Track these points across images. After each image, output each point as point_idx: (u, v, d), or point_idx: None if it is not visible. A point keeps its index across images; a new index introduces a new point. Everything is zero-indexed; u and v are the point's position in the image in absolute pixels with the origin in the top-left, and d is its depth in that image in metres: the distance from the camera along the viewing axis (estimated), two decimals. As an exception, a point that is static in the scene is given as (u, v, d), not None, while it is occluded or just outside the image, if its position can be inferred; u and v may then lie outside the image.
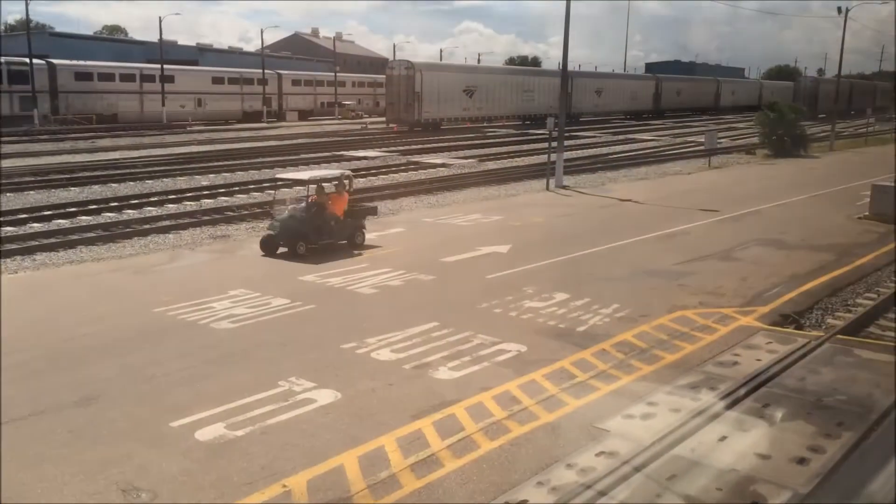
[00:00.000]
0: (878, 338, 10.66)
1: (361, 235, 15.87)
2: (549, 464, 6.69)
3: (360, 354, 9.31)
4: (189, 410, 7.63)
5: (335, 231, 15.32)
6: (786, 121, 39.48)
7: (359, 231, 15.84)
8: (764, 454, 6.79)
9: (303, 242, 14.62)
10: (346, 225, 15.61)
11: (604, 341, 9.96)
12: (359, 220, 16.05)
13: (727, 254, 15.59)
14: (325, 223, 15.10)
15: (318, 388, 8.25)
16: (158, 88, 57.20)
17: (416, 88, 52.89)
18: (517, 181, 28.09)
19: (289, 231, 14.65)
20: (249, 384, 8.30)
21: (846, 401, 8.04)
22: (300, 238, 14.61)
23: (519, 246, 15.95)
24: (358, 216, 16.14)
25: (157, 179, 27.04)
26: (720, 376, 8.72)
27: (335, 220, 15.33)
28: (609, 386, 8.45)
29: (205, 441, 7.01)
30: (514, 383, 8.51)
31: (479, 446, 7.01)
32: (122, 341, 9.70)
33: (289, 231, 14.65)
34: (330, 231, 15.20)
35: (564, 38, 26.36)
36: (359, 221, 16.01)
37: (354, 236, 15.68)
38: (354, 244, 15.55)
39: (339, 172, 16.70)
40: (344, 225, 15.54)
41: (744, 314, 11.35)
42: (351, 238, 15.61)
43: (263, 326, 10.37)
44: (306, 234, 14.72)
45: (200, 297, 11.77)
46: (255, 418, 7.47)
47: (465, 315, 11.03)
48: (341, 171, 17.16)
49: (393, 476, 6.46)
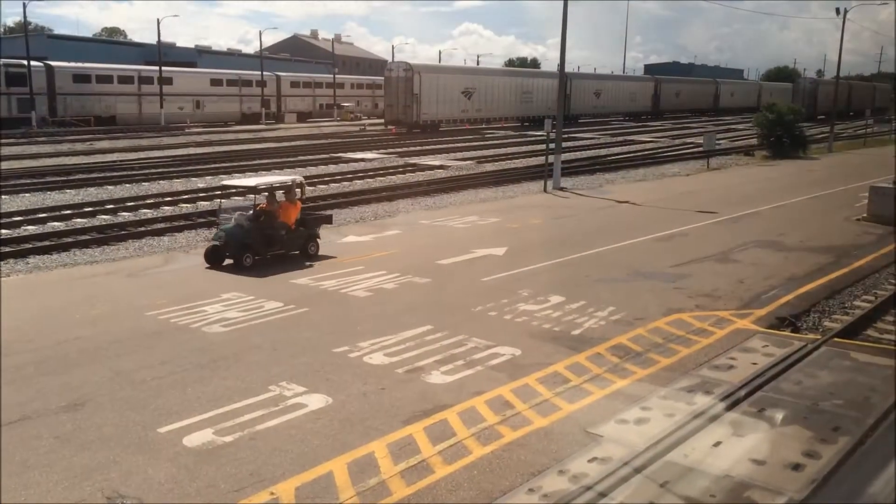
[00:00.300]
0: (875, 341, 10.57)
1: (315, 246, 15.04)
2: (541, 470, 6.60)
3: (353, 358, 9.23)
4: (178, 416, 7.54)
5: (286, 241, 14.51)
6: (784, 122, 39.41)
7: (312, 241, 15.01)
8: (759, 460, 6.70)
9: (249, 254, 13.78)
10: (299, 235, 14.77)
11: (598, 345, 9.87)
12: (312, 229, 15.20)
13: (725, 256, 15.50)
14: (275, 233, 14.29)
15: (309, 392, 8.16)
16: (157, 90, 57.12)
17: (415, 90, 52.85)
18: (515, 183, 28.01)
19: (234, 241, 13.74)
20: (239, 389, 8.21)
21: (843, 405, 7.96)
22: (246, 249, 13.77)
23: (515, 248, 15.86)
24: (311, 225, 15.28)
25: (154, 181, 26.95)
26: (715, 380, 8.63)
27: (286, 230, 14.49)
28: (603, 390, 8.36)
29: (193, 447, 6.91)
30: (508, 387, 8.43)
31: (471, 452, 6.93)
32: (112, 345, 9.61)
33: (234, 241, 13.74)
34: (280, 241, 14.40)
35: (562, 39, 26.30)
36: (312, 231, 15.16)
37: (307, 247, 14.84)
38: (307, 255, 14.71)
39: (290, 179, 15.70)
40: (296, 235, 14.71)
41: (740, 317, 11.27)
42: (304, 248, 14.79)
43: (255, 330, 10.28)
44: (253, 245, 13.91)
45: (193, 300, 11.68)
46: (244, 424, 7.38)
47: (459, 318, 10.94)
48: (293, 177, 16.23)
49: (382, 483, 6.37)
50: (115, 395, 8.06)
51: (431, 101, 53.97)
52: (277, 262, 14.22)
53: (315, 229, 15.31)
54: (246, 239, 13.82)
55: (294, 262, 14.28)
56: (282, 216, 14.54)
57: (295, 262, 14.28)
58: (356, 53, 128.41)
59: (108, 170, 30.10)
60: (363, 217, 20.53)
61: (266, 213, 14.46)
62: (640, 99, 78.99)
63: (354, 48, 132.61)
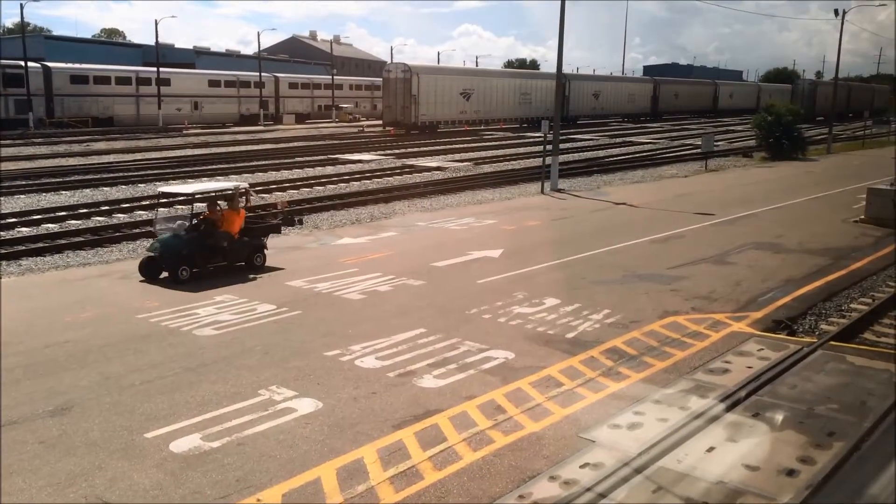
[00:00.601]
0: (872, 344, 10.48)
1: (262, 257, 14.09)
2: (532, 476, 6.51)
3: (344, 362, 9.14)
4: (165, 420, 7.45)
5: (228, 252, 13.55)
6: (783, 123, 39.34)
7: (259, 252, 14.06)
8: (752, 465, 6.61)
9: (186, 266, 12.86)
10: (243, 245, 13.82)
11: (593, 348, 9.79)
12: (258, 239, 14.24)
13: (721, 258, 15.42)
14: (216, 244, 13.36)
15: (299, 397, 8.07)
16: (154, 91, 57.05)
17: (413, 91, 52.81)
18: (512, 184, 27.94)
19: (170, 253, 12.84)
20: (228, 393, 8.12)
21: (838, 409, 7.88)
22: (182, 261, 12.86)
23: (511, 250, 15.78)
24: (257, 235, 14.32)
25: (150, 183, 26.84)
26: (710, 384, 8.55)
27: (228, 240, 13.52)
28: (597, 394, 8.28)
29: (179, 453, 6.82)
30: (500, 391, 8.34)
31: (461, 457, 6.84)
32: (102, 348, 9.51)
33: (170, 253, 12.84)
34: (222, 252, 13.47)
35: (559, 39, 26.24)
36: (258, 241, 14.20)
37: (253, 258, 13.90)
38: (253, 267, 13.81)
39: (232, 185, 14.62)
40: (240, 246, 13.76)
41: (736, 320, 11.18)
42: (249, 260, 13.85)
43: (247, 333, 10.18)
44: (191, 257, 13.02)
45: (186, 302, 11.60)
46: (232, 429, 7.29)
47: (453, 321, 10.86)
48: (236, 183, 15.19)
49: (371, 489, 6.28)
50: (103, 399, 7.96)
51: (430, 103, 53.93)
52: (219, 275, 13.29)
53: (262, 239, 14.33)
54: (183, 250, 12.94)
55: (236, 275, 13.29)
56: (224, 225, 13.61)
57: (237, 275, 13.30)
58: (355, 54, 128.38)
59: (104, 171, 30.03)
60: (359, 219, 20.44)
61: (206, 222, 13.59)
62: (638, 100, 78.94)
63: (353, 49, 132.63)
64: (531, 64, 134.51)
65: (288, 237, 17.70)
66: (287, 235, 17.95)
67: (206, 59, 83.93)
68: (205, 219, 13.74)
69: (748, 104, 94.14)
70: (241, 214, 14.09)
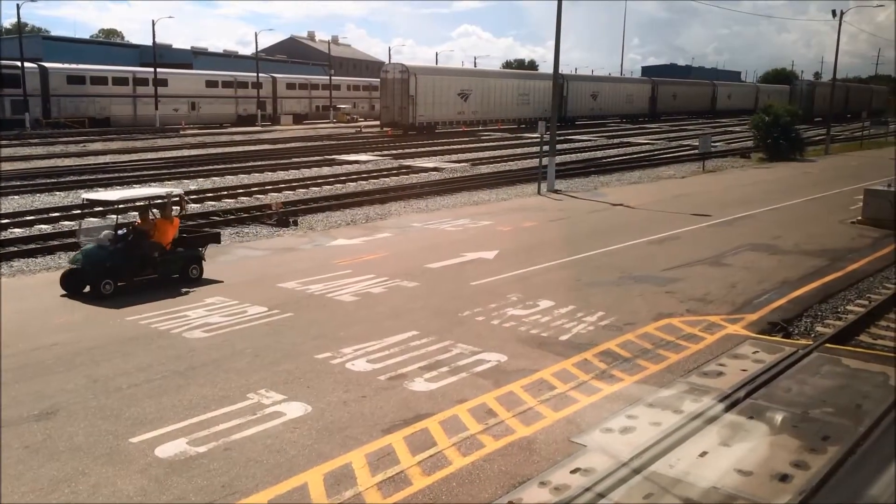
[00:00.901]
0: (868, 346, 10.40)
1: (198, 269, 13.12)
2: (522, 481, 6.42)
3: (335, 365, 9.04)
4: (152, 425, 7.36)
5: (159, 264, 12.61)
6: (780, 124, 39.29)
7: (195, 264, 13.12)
8: (745, 471, 6.53)
9: (110, 280, 11.88)
10: (176, 257, 12.93)
11: (586, 350, 9.70)
12: (195, 250, 13.35)
13: (718, 259, 15.34)
14: (145, 255, 12.44)
15: (288, 400, 7.98)
16: (152, 92, 56.95)
17: (411, 92, 52.74)
18: (509, 185, 27.86)
19: (93, 265, 11.86)
20: (217, 397, 8.03)
21: (833, 413, 7.79)
22: (107, 274, 11.86)
23: (506, 251, 15.69)
24: (193, 245, 13.43)
25: (145, 183, 26.74)
26: (704, 387, 8.46)
27: (159, 251, 12.63)
28: (589, 398, 8.19)
29: (165, 458, 6.73)
30: (492, 395, 8.25)
31: (451, 462, 6.74)
32: (91, 351, 9.42)
33: (93, 265, 11.86)
34: (152, 264, 12.55)
35: (556, 39, 26.19)
36: (195, 252, 13.29)
37: (188, 270, 12.95)
38: (188, 279, 12.86)
39: (164, 191, 13.61)
40: (173, 257, 12.87)
41: (731, 322, 11.09)
42: (184, 272, 12.91)
43: (237, 335, 10.09)
44: (116, 269, 12.04)
45: (176, 304, 11.51)
46: (219, 433, 7.19)
47: (446, 323, 10.76)
48: (168, 189, 14.14)
49: (359, 495, 6.19)
50: (89, 403, 7.87)
51: (427, 103, 53.86)
52: (148, 288, 12.32)
53: (199, 250, 13.42)
54: (107, 262, 11.94)
55: (166, 290, 12.27)
56: (156, 235, 12.74)
57: (167, 290, 12.27)
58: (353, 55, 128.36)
59: (99, 172, 29.93)
60: (354, 220, 20.34)
61: (135, 231, 12.71)
62: (637, 101, 78.91)
63: (352, 50, 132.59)
64: (530, 64, 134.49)
65: (282, 238, 17.63)
66: (281, 237, 17.89)
67: (203, 60, 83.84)
68: (135, 228, 12.86)
69: (746, 105, 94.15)
70: (175, 223, 13.22)
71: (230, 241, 17.39)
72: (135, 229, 12.83)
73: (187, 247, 13.35)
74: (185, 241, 13.42)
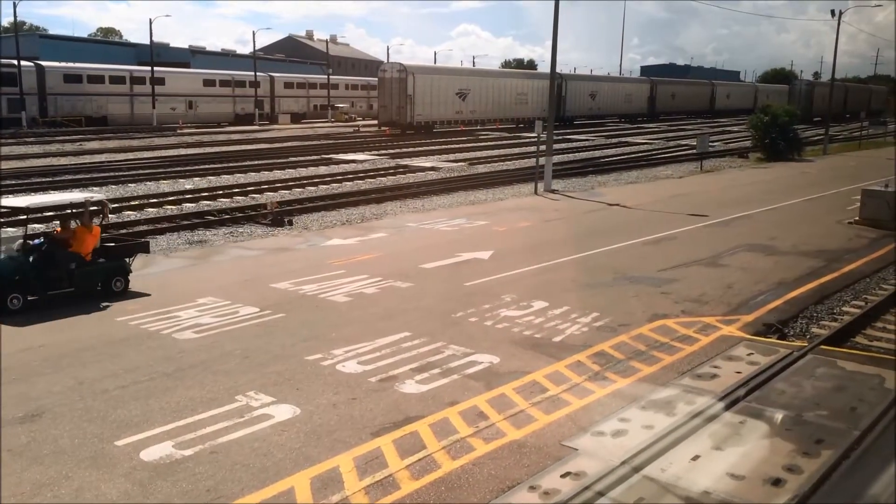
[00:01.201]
0: (864, 348, 10.32)
1: (122, 281, 12.03)
2: (511, 486, 6.33)
3: (325, 367, 8.95)
4: (138, 427, 7.26)
5: (77, 277, 11.52)
6: (779, 124, 39.22)
7: (119, 276, 12.01)
8: (738, 475, 6.44)
9: (18, 294, 10.86)
10: (97, 269, 11.82)
11: (580, 352, 9.61)
12: (119, 261, 12.23)
13: (714, 260, 15.25)
14: (61, 267, 11.40)
15: (277, 403, 7.89)
16: (149, 91, 56.81)
17: (409, 91, 52.65)
18: (506, 185, 27.77)
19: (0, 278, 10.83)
20: (204, 399, 7.93)
21: (827, 416, 7.70)
22: (14, 288, 10.84)
23: (501, 252, 15.60)
24: (118, 256, 12.33)
25: (140, 183, 26.67)
26: (698, 390, 8.37)
27: (77, 263, 11.59)
28: (581, 400, 8.10)
29: (150, 461, 6.63)
30: (483, 397, 8.16)
31: (440, 466, 6.65)
32: (79, 353, 9.32)
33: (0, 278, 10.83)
34: (69, 277, 11.46)
35: (553, 38, 26.10)
36: (118, 263, 12.16)
37: (111, 283, 11.86)
38: (111, 293, 11.78)
39: (83, 197, 12.50)
40: (93, 269, 11.78)
41: (727, 323, 11.01)
42: (106, 285, 11.82)
43: (228, 336, 9.99)
44: (26, 283, 11.04)
45: (167, 304, 11.41)
46: (206, 436, 7.10)
47: (438, 324, 10.67)
48: (87, 195, 13.09)
49: (346, 499, 6.10)
50: (75, 405, 7.77)
51: (425, 103, 53.77)
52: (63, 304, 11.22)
53: (123, 261, 12.29)
54: (16, 275, 10.92)
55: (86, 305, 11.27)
56: (74, 245, 11.76)
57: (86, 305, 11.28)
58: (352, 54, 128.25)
59: (95, 171, 29.83)
60: (350, 219, 20.25)
61: (51, 241, 11.78)
62: (635, 100, 78.86)
63: (350, 49, 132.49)
64: (529, 64, 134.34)
65: (277, 238, 17.53)
66: (276, 237, 17.79)
67: (201, 59, 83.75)
68: (51, 238, 11.93)
69: (745, 105, 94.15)
70: (96, 233, 12.11)
71: (224, 241, 17.30)
72: (51, 239, 11.88)
73: (111, 257, 12.23)
74: (108, 252, 12.30)
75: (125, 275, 12.21)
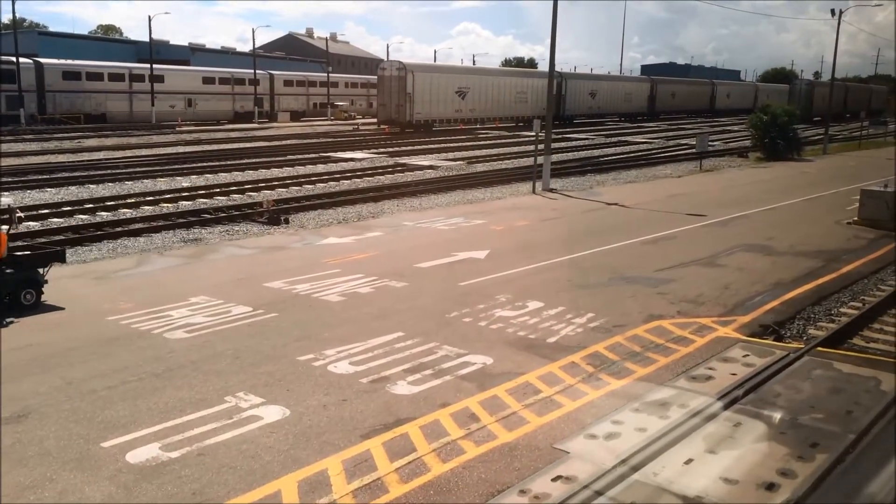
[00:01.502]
0: (861, 350, 10.23)
1: (33, 293, 10.96)
2: (501, 489, 6.25)
3: (317, 367, 8.86)
4: (124, 429, 7.17)
5: None
6: (778, 124, 39.11)
7: (29, 287, 10.94)
8: (731, 479, 6.35)
9: None
10: (2, 280, 10.73)
11: (574, 353, 9.52)
12: (29, 271, 11.11)
13: (711, 260, 15.16)
14: None
15: (267, 404, 7.80)
16: (148, 88, 56.71)
17: (408, 89, 52.51)
18: (504, 184, 27.67)
19: None
20: (193, 400, 7.85)
21: (823, 419, 7.62)
22: None
23: (498, 251, 15.51)
24: (27, 266, 11.18)
25: (138, 180, 26.56)
26: (692, 392, 8.29)
27: None
28: (574, 402, 8.01)
29: (136, 463, 6.55)
30: (476, 399, 8.07)
31: (430, 469, 6.57)
32: (68, 352, 9.23)
33: None
34: None
35: (552, 36, 25.97)
36: (29, 274, 11.05)
37: (20, 295, 10.79)
38: (19, 306, 10.72)
39: None
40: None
41: (723, 324, 10.92)
42: (14, 297, 10.74)
43: (219, 336, 9.90)
44: None
45: (159, 304, 11.31)
46: (193, 438, 7.01)
47: (432, 325, 10.59)
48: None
49: (333, 503, 6.01)
50: (62, 406, 7.68)
51: (425, 101, 53.64)
52: None
53: (36, 271, 11.21)
54: None
55: None
56: None
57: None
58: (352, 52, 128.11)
59: (92, 168, 29.70)
60: (346, 218, 20.15)
61: None
62: (635, 99, 78.70)
63: (350, 47, 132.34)
64: (529, 62, 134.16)
65: (273, 237, 17.44)
66: (272, 235, 17.70)
67: (201, 56, 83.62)
68: None
69: (745, 104, 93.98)
70: (2, 239, 10.94)
71: (220, 240, 17.21)
72: None
73: (20, 267, 11.07)
74: (17, 261, 11.17)
75: (37, 287, 11.09)
